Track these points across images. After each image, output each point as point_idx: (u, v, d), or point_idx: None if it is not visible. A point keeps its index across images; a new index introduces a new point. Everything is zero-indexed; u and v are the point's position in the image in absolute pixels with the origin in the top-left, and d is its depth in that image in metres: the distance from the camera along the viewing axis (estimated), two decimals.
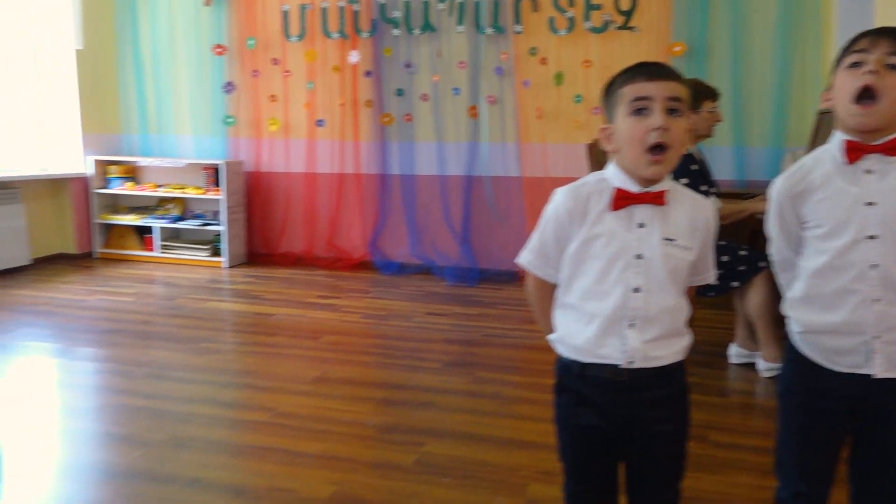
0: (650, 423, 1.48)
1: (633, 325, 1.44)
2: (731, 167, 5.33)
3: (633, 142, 1.43)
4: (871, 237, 1.46)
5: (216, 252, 6.41)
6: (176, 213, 6.60)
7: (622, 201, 1.46)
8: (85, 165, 6.46)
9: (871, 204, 1.46)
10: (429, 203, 6.13)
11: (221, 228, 6.28)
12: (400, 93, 6.03)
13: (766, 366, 3.47)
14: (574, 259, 1.50)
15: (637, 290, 1.44)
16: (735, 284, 3.51)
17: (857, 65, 1.45)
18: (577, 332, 1.50)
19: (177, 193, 6.46)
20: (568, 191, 1.53)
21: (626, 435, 1.50)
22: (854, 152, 1.48)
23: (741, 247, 3.50)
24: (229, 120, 6.45)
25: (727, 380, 3.58)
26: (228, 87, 6.39)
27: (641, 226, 1.46)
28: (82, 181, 6.47)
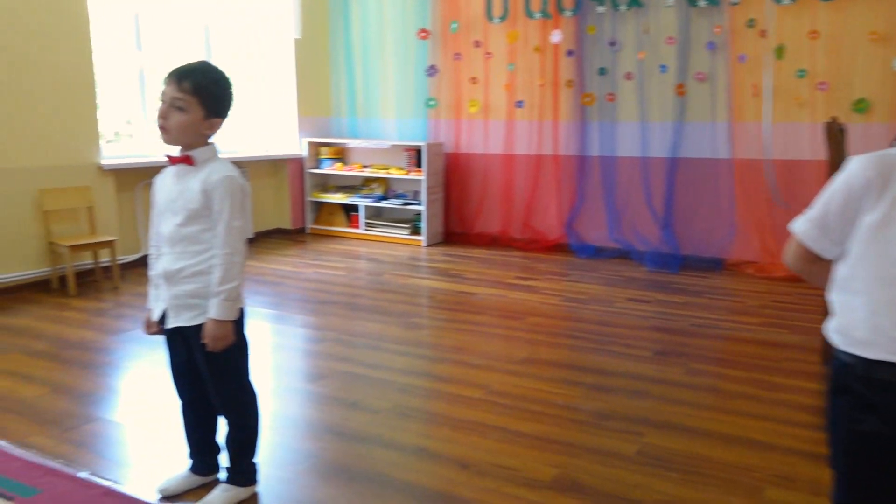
0: None
1: None
2: None
3: None
4: None
5: (416, 230, 6.66)
6: (379, 192, 6.93)
7: None
8: (300, 147, 6.96)
9: None
10: (629, 185, 5.95)
11: (422, 208, 6.51)
12: (602, 72, 5.88)
13: None
14: (868, 236, 1.33)
15: None
16: None
17: None
18: (862, 323, 1.34)
19: (381, 174, 6.77)
20: (868, 159, 1.35)
21: None
22: None
23: None
24: (431, 102, 6.64)
25: None
26: (431, 71, 6.58)
27: None
28: (298, 162, 6.98)
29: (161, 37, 5.86)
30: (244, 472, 2.19)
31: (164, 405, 2.85)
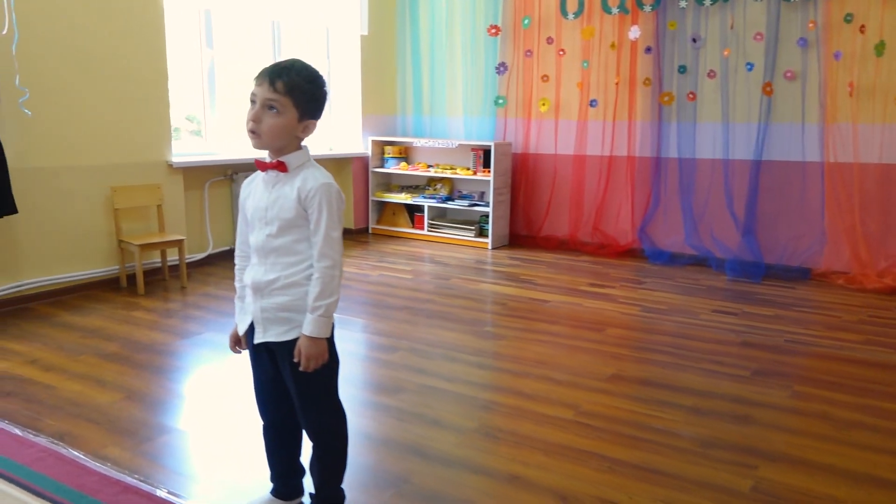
0: None
1: None
2: None
3: None
4: None
5: (481, 233, 6.48)
6: (444, 192, 6.77)
7: None
8: (364, 145, 6.84)
9: None
10: (709, 189, 5.66)
11: (488, 210, 6.33)
12: (682, 70, 5.60)
13: None
14: None
15: None
16: None
17: None
18: None
19: (447, 174, 6.61)
20: None
21: None
22: None
23: None
24: (500, 101, 6.45)
25: None
26: (501, 68, 6.39)
27: None
28: (363, 160, 6.87)
29: (231, 33, 5.80)
30: (331, 499, 2.05)
31: (240, 416, 2.73)
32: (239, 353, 2.04)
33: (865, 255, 5.08)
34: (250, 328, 1.93)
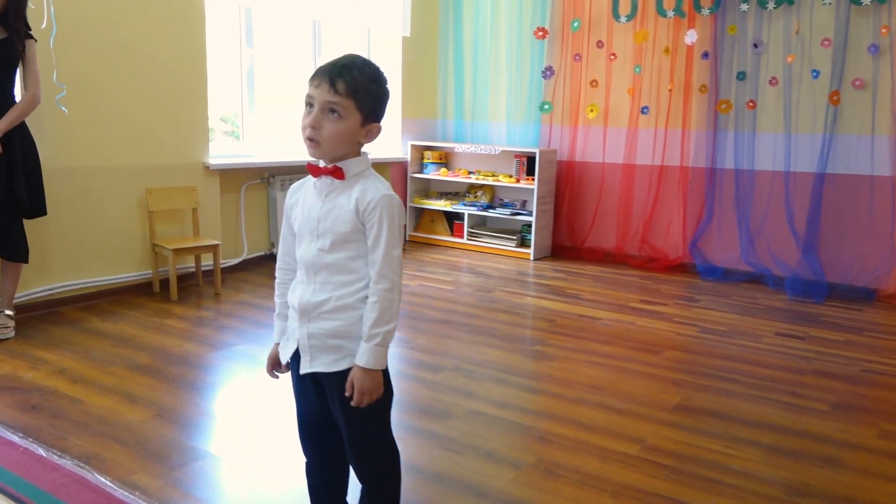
0: None
1: None
2: None
3: None
4: None
5: (523, 242, 6.24)
6: (485, 200, 6.54)
7: None
8: (403, 150, 6.64)
9: None
10: (768, 203, 5.35)
11: (531, 219, 6.08)
12: (742, 76, 5.31)
13: None
14: None
15: None
16: None
17: None
18: None
19: (488, 181, 6.38)
20: None
21: None
22: None
23: None
24: (546, 106, 6.20)
25: None
26: (548, 73, 6.15)
27: None
28: (402, 166, 6.66)
29: (271, 32, 5.64)
30: None
31: (279, 442, 2.53)
32: (277, 378, 1.83)
33: None
34: (295, 354, 1.72)
